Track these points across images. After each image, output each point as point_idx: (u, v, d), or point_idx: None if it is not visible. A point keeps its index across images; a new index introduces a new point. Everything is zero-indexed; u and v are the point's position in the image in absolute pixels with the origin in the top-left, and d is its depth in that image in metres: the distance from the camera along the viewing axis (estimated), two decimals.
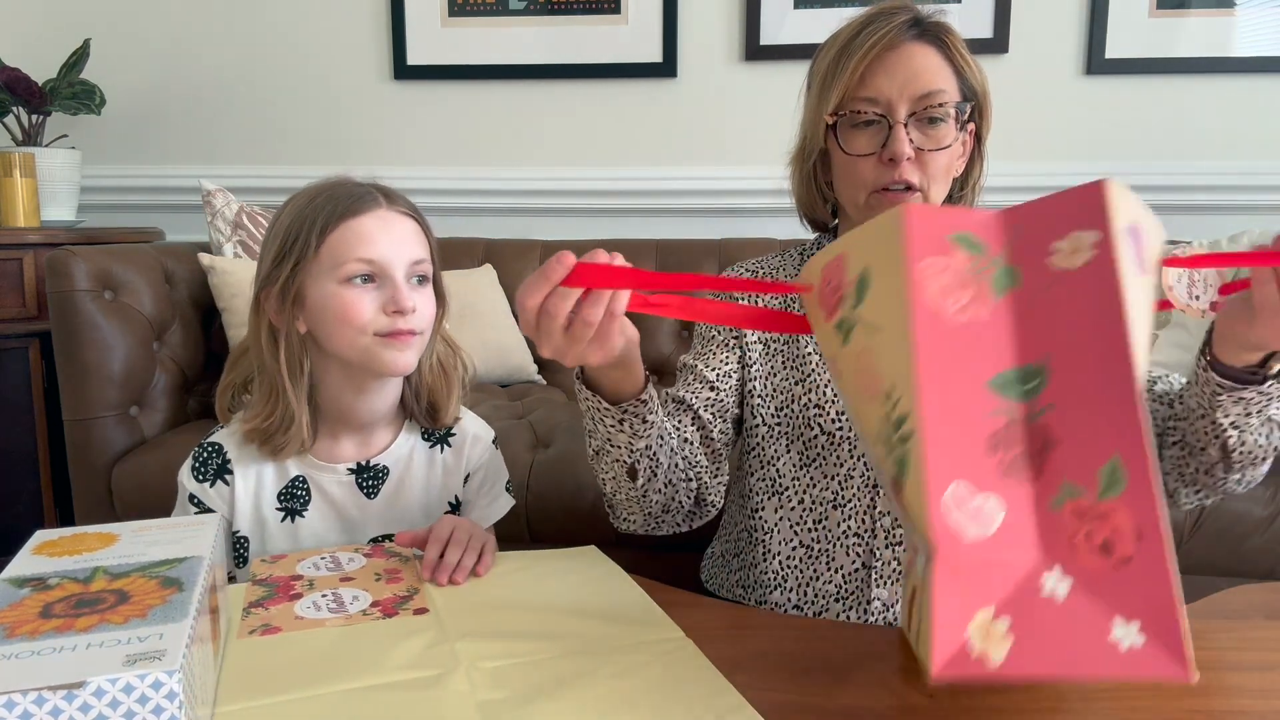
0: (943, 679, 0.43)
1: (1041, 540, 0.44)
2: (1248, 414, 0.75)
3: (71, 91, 2.21)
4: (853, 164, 0.86)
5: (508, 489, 1.06)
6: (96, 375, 1.70)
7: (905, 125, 0.84)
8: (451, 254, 2.17)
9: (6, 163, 2.07)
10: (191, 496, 0.94)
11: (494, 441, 1.05)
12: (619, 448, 0.83)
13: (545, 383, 2.16)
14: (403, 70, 2.40)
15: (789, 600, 0.94)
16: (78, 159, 2.28)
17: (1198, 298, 0.56)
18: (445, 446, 1.01)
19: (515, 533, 1.52)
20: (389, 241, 0.90)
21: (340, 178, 0.95)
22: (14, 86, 2.11)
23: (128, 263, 1.79)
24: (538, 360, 2.17)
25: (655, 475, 0.86)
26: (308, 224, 0.90)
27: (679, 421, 0.96)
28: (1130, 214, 0.48)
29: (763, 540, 0.96)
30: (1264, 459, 0.80)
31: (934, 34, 0.87)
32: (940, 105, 0.85)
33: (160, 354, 1.83)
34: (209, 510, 0.94)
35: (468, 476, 1.02)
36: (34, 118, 2.21)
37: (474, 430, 1.03)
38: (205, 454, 0.95)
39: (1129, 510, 0.42)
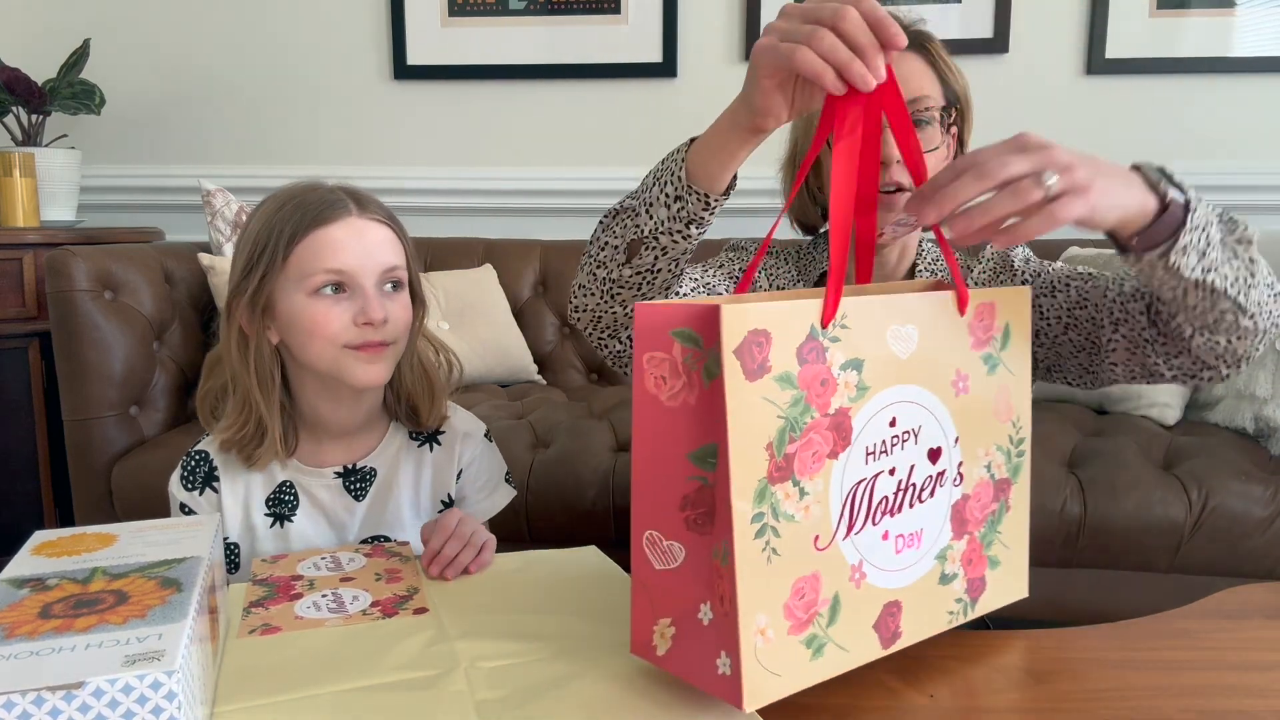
0: (636, 655, 0.62)
1: (704, 580, 0.58)
2: (1203, 254, 0.70)
3: (71, 91, 2.21)
4: None
5: (508, 480, 1.05)
6: (96, 375, 1.70)
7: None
8: (451, 254, 2.17)
9: (6, 163, 2.07)
10: (183, 506, 0.94)
11: (487, 435, 1.05)
12: (647, 219, 0.78)
13: (545, 383, 2.16)
14: (403, 70, 2.41)
15: None
16: (78, 159, 2.28)
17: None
18: (434, 445, 1.01)
19: (515, 533, 1.52)
20: (359, 250, 0.88)
21: (311, 182, 0.93)
22: (14, 86, 2.11)
23: (128, 263, 1.79)
24: (538, 360, 2.17)
25: (643, 281, 0.82)
26: (275, 233, 0.88)
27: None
28: (749, 326, 0.55)
29: None
30: (1254, 280, 0.74)
31: (917, 41, 0.90)
32: (926, 109, 0.88)
33: (160, 354, 1.83)
34: None
35: (460, 474, 1.02)
36: (34, 118, 2.21)
37: (464, 427, 1.03)
38: (193, 462, 0.95)
39: (727, 580, 0.56)
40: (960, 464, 0.67)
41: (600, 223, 0.84)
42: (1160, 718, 0.60)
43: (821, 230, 1.03)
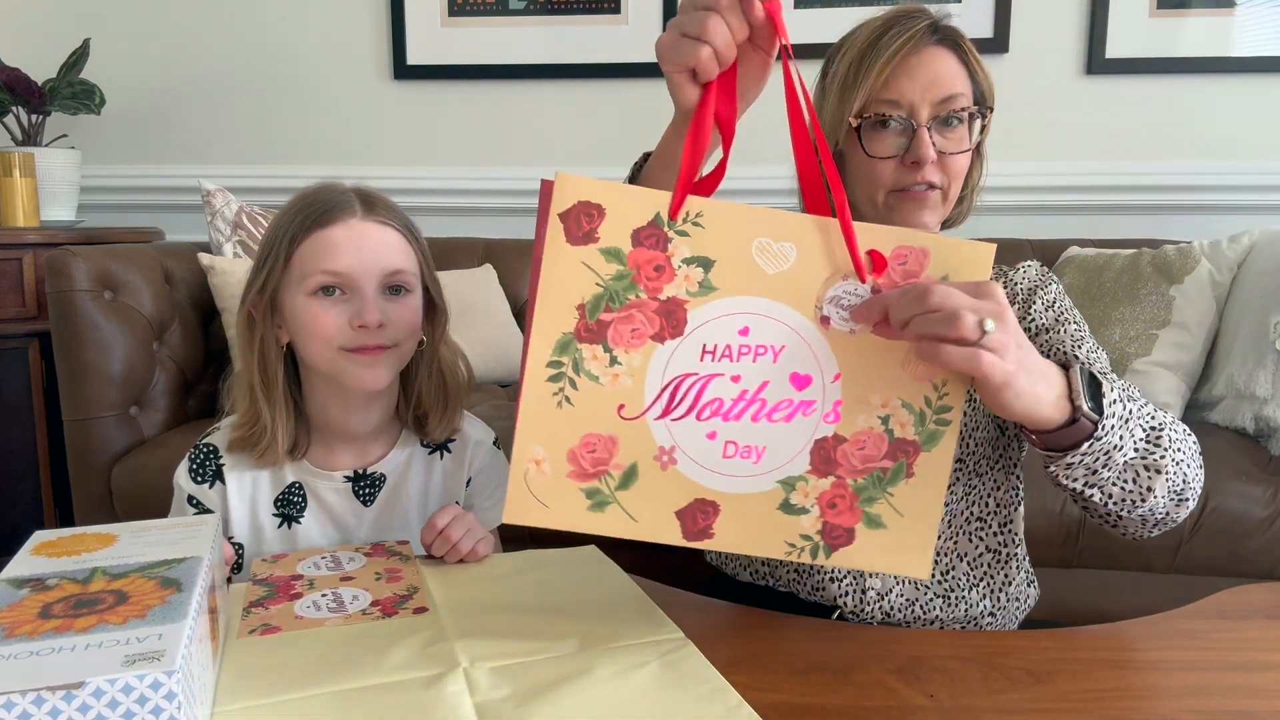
0: None
1: None
2: (1094, 472, 0.74)
3: (71, 91, 2.21)
4: (874, 165, 0.88)
5: None
6: (96, 375, 1.70)
7: (929, 129, 0.86)
8: (451, 254, 2.17)
9: (6, 163, 2.07)
10: (190, 498, 0.94)
11: (496, 443, 1.05)
12: None
13: None
14: (403, 70, 2.40)
15: (793, 577, 0.95)
16: (77, 159, 2.28)
17: (846, 321, 0.66)
18: (445, 453, 1.01)
19: (515, 533, 1.52)
20: (358, 252, 0.88)
21: (325, 184, 0.93)
22: (14, 86, 2.11)
23: (128, 263, 1.79)
24: None
25: None
26: (281, 234, 0.89)
27: None
28: (580, 197, 0.61)
29: None
30: (1143, 504, 0.77)
31: (951, 39, 0.89)
32: (961, 109, 0.87)
33: (160, 354, 1.83)
34: (208, 511, 0.93)
35: (469, 481, 1.02)
36: (34, 118, 2.21)
37: (475, 435, 1.02)
38: (201, 455, 0.95)
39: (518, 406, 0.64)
40: (838, 403, 0.65)
41: None
42: (1160, 718, 0.60)
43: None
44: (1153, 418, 0.77)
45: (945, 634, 0.74)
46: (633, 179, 0.81)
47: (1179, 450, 0.78)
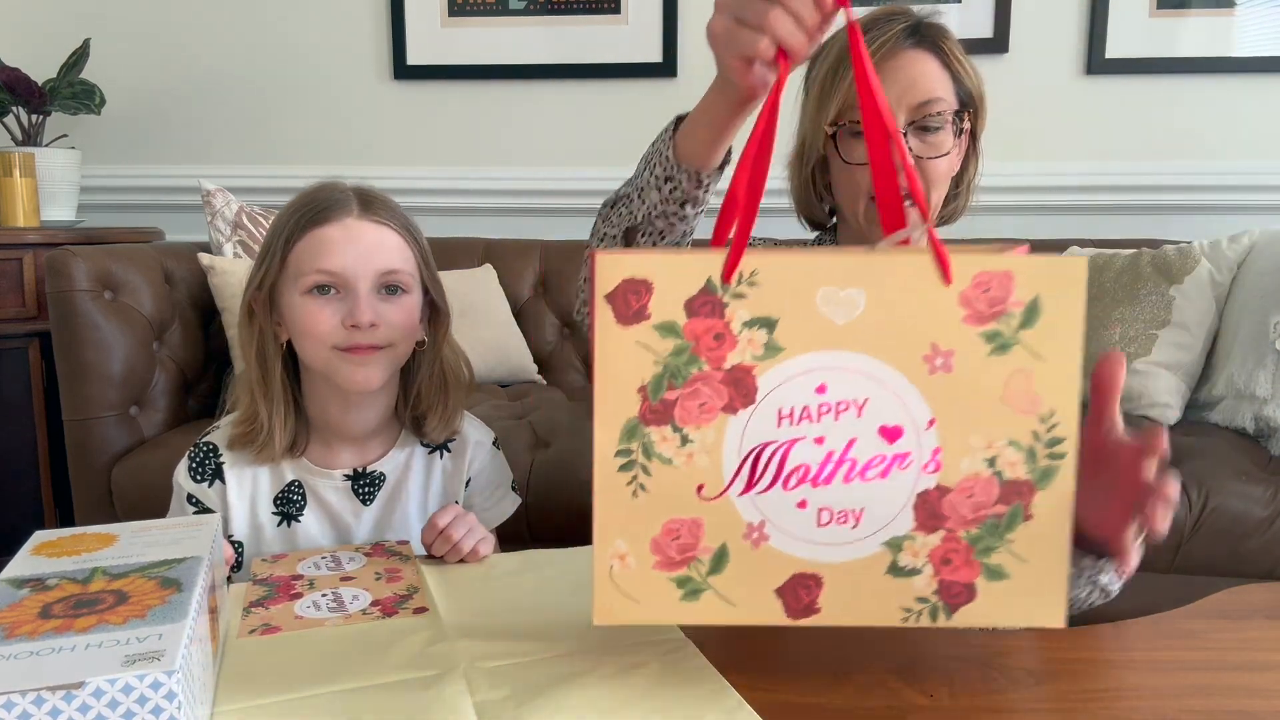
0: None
1: None
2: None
3: (71, 91, 2.21)
4: (852, 172, 0.86)
5: (513, 488, 1.06)
6: (96, 375, 1.70)
7: (905, 134, 0.84)
8: (451, 254, 2.17)
9: (6, 163, 2.07)
10: (190, 496, 0.94)
11: (495, 444, 1.05)
12: (640, 204, 0.77)
13: (545, 383, 2.16)
14: (403, 70, 2.41)
15: None
16: (78, 159, 2.28)
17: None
18: (445, 453, 1.01)
19: (515, 533, 1.52)
20: (352, 252, 0.88)
21: (326, 183, 0.93)
22: (14, 86, 2.11)
23: (128, 263, 1.79)
24: (538, 360, 2.17)
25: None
26: (279, 232, 0.90)
27: None
28: (623, 275, 0.57)
29: None
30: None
31: (931, 40, 0.87)
32: (938, 114, 0.85)
33: (160, 354, 1.83)
34: (208, 510, 0.93)
35: (468, 481, 1.02)
36: (34, 118, 2.21)
37: (475, 435, 1.02)
38: (201, 454, 0.95)
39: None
40: (936, 450, 0.61)
41: (598, 214, 0.83)
42: (1160, 718, 0.60)
43: (829, 226, 1.03)
44: None
45: (945, 634, 0.74)
46: (667, 143, 0.77)
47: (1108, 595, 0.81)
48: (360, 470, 0.96)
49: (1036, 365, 0.61)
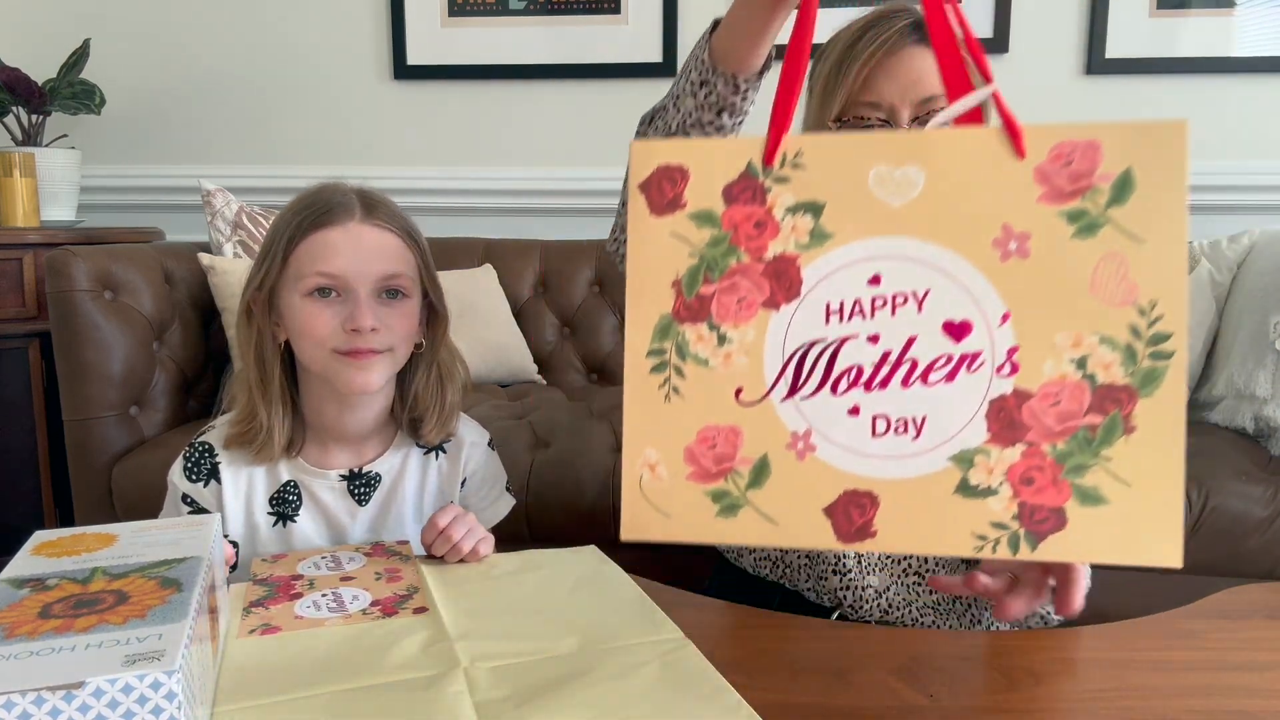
0: None
1: None
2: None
3: (71, 91, 2.21)
4: None
5: (508, 489, 1.06)
6: (96, 375, 1.70)
7: (909, 128, 0.84)
8: (451, 254, 2.17)
9: (6, 163, 2.07)
10: (185, 496, 0.94)
11: (490, 444, 1.05)
12: (675, 113, 0.74)
13: (545, 383, 2.16)
14: (403, 70, 2.41)
15: (803, 562, 0.95)
16: (78, 159, 2.28)
17: None
18: (440, 454, 1.01)
19: (515, 533, 1.52)
20: (353, 255, 0.88)
21: (328, 184, 0.93)
22: (14, 86, 2.11)
23: (128, 263, 1.79)
24: (538, 360, 2.17)
25: None
26: (280, 234, 0.90)
27: None
28: (658, 161, 0.53)
29: None
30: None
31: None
32: (941, 109, 0.85)
33: (160, 354, 1.83)
34: (203, 510, 0.93)
35: (464, 481, 1.02)
36: (34, 118, 2.21)
37: (470, 436, 1.02)
38: (196, 454, 0.95)
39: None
40: (1013, 350, 0.53)
41: (636, 130, 0.80)
42: (1160, 718, 0.60)
43: None
44: None
45: (945, 634, 0.74)
46: (704, 44, 0.74)
47: None
48: (356, 471, 0.96)
49: (1132, 248, 0.52)
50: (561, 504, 1.56)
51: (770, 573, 0.98)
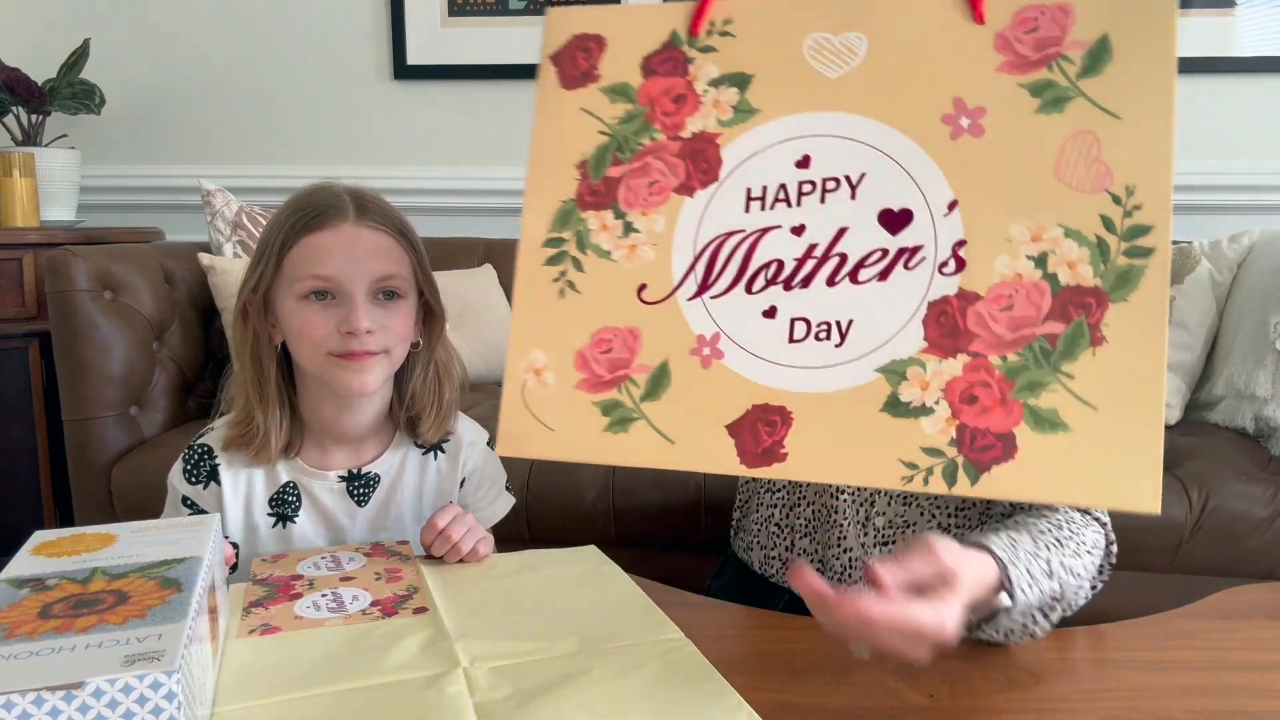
0: None
1: None
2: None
3: (71, 91, 2.21)
4: None
5: (508, 488, 1.06)
6: (96, 375, 1.70)
7: None
8: (451, 254, 2.17)
9: (6, 163, 2.07)
10: (185, 499, 0.94)
11: (489, 443, 1.05)
12: None
13: None
14: (403, 70, 2.40)
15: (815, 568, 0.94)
16: (77, 159, 2.28)
17: None
18: (439, 453, 1.01)
19: (515, 533, 1.52)
20: (348, 257, 0.87)
21: (322, 185, 0.93)
22: (14, 86, 2.11)
23: (128, 263, 1.79)
24: None
25: None
26: (273, 236, 0.89)
27: None
28: (573, 30, 0.47)
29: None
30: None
31: None
32: None
33: (160, 354, 1.83)
34: (203, 512, 0.93)
35: (463, 481, 1.02)
36: (34, 118, 2.21)
37: (469, 436, 1.02)
38: (196, 455, 0.95)
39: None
40: (960, 244, 0.45)
41: None
42: (1160, 718, 0.60)
43: None
44: (1054, 575, 0.68)
45: None
46: None
47: (1075, 596, 0.72)
48: (355, 472, 0.96)
49: (1106, 125, 0.45)
50: (561, 504, 1.56)
51: (777, 574, 0.97)
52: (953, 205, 0.45)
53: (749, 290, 0.47)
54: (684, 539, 1.56)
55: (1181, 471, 1.51)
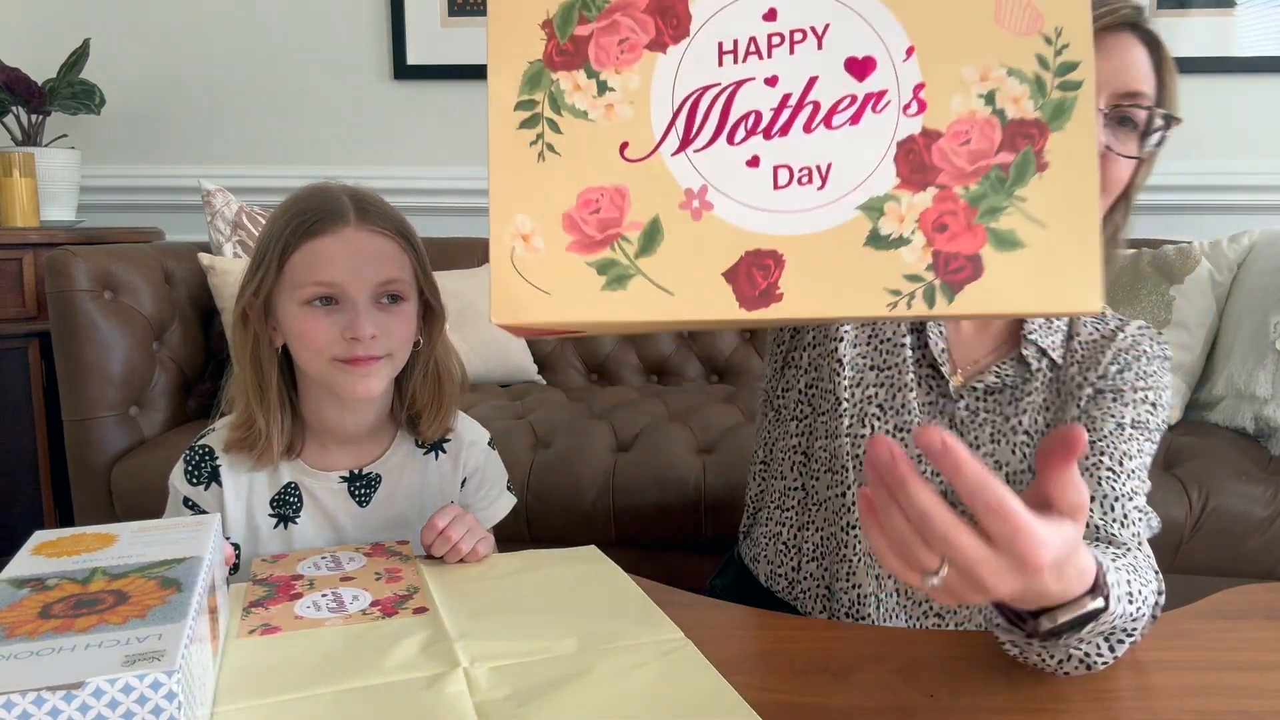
0: None
1: None
2: (1017, 648, 0.65)
3: (71, 91, 2.22)
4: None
5: (509, 488, 1.06)
6: (96, 375, 1.70)
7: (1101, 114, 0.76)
8: (451, 254, 2.17)
9: (6, 163, 2.07)
10: (186, 500, 0.94)
11: (490, 443, 1.05)
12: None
13: (545, 383, 2.16)
14: (403, 70, 2.41)
15: (822, 592, 0.92)
16: (77, 159, 2.28)
17: None
18: (440, 453, 1.01)
19: (515, 533, 1.52)
20: (351, 263, 0.87)
21: (320, 186, 0.92)
22: (14, 86, 2.11)
23: (128, 263, 1.79)
24: (538, 360, 2.17)
25: None
26: (274, 241, 0.89)
27: None
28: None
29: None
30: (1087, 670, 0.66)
31: (1153, 39, 0.80)
32: (1145, 109, 0.78)
33: (160, 354, 1.83)
34: (204, 513, 0.93)
35: (464, 481, 1.02)
36: (34, 118, 2.21)
37: (469, 435, 1.02)
38: (197, 457, 0.95)
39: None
40: (919, 86, 0.49)
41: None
42: (1160, 718, 0.60)
43: None
44: (1138, 611, 0.65)
45: (945, 634, 0.74)
46: None
47: (1135, 638, 0.66)
48: (356, 472, 0.96)
49: None
50: (561, 504, 1.56)
51: (783, 592, 0.95)
52: (910, 51, 0.49)
53: (730, 142, 0.49)
54: (684, 539, 1.57)
55: (1181, 471, 1.51)
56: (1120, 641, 0.65)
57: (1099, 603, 0.57)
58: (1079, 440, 0.50)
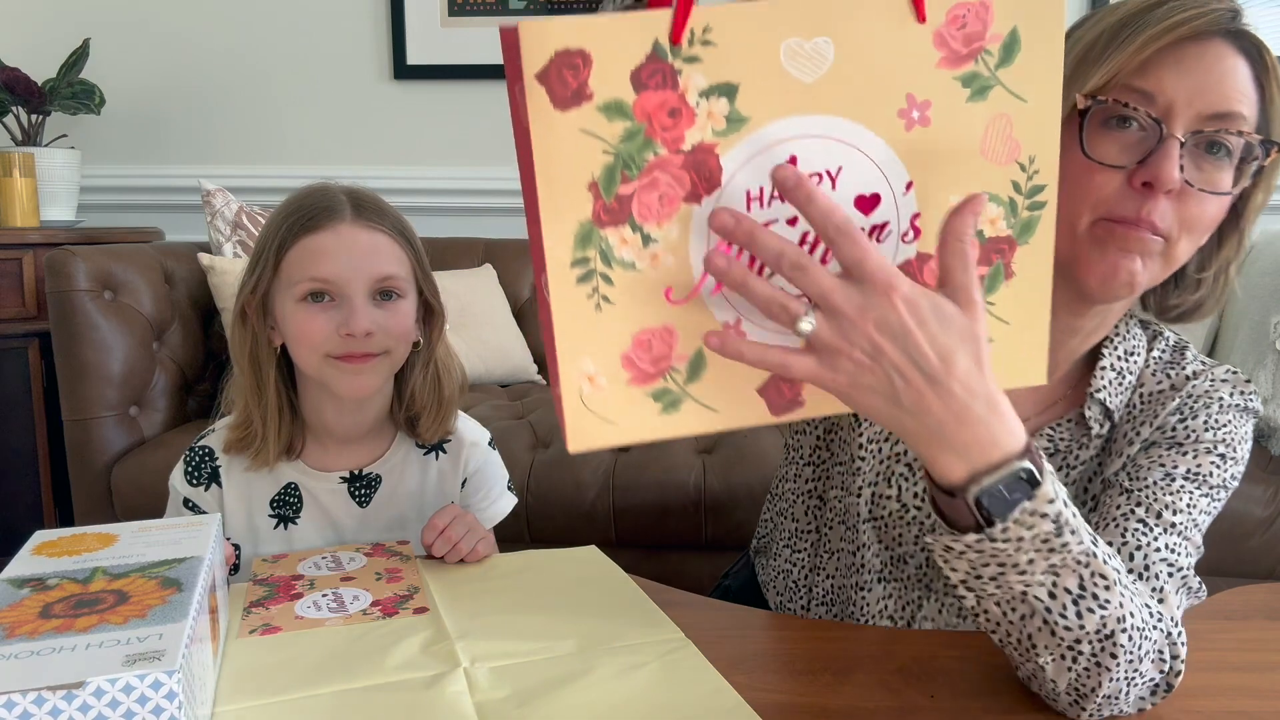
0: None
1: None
2: (976, 574, 0.57)
3: (71, 91, 2.22)
4: (1090, 174, 0.66)
5: (509, 488, 1.06)
6: (96, 375, 1.70)
7: (1181, 144, 0.64)
8: (451, 254, 2.17)
9: (6, 163, 2.07)
10: (186, 500, 0.94)
11: (490, 443, 1.05)
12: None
13: (545, 383, 2.16)
14: (403, 70, 2.41)
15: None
16: (77, 159, 2.28)
17: None
18: (440, 454, 1.00)
19: (515, 533, 1.52)
20: (347, 259, 0.87)
21: (318, 186, 0.92)
22: (14, 86, 2.12)
23: (127, 263, 1.79)
24: (538, 360, 2.17)
25: None
26: (270, 239, 0.89)
27: None
28: (555, 46, 0.48)
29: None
30: (1025, 663, 0.60)
31: (1254, 45, 0.66)
32: (1238, 133, 0.64)
33: (160, 354, 1.83)
34: (205, 514, 0.93)
35: (464, 481, 1.02)
36: (34, 118, 2.21)
37: (470, 435, 1.02)
38: (197, 458, 0.95)
39: (547, 325, 0.55)
40: (915, 216, 0.54)
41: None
42: (1160, 718, 0.60)
43: None
44: (1114, 602, 0.57)
45: (945, 634, 0.74)
46: None
47: (1115, 660, 0.58)
48: (356, 472, 0.96)
49: (1016, 108, 0.54)
50: (561, 504, 1.56)
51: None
52: (909, 186, 0.54)
53: (760, 278, 0.54)
54: (684, 539, 1.57)
55: None
56: (1107, 639, 0.57)
57: (1025, 464, 0.53)
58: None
